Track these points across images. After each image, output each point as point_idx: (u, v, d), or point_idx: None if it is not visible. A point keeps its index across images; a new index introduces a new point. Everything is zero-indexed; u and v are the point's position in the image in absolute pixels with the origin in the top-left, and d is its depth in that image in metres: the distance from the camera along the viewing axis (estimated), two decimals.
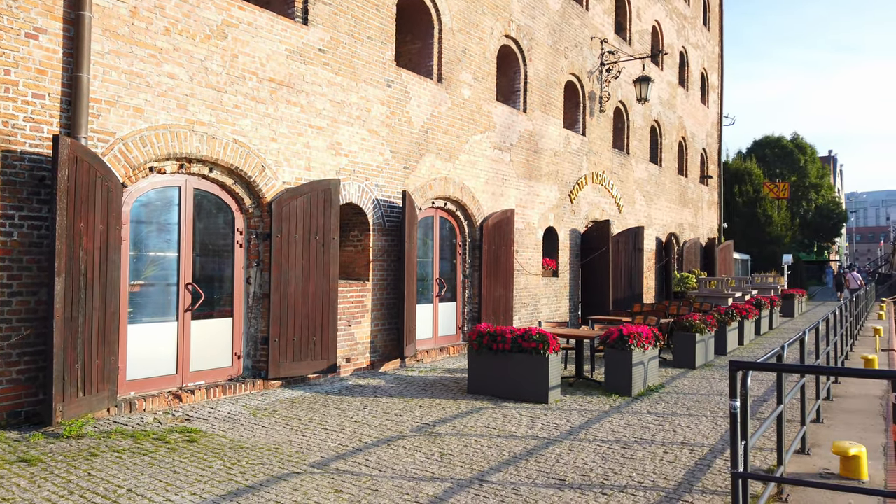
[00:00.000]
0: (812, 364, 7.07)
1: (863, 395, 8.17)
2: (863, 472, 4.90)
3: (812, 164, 46.55)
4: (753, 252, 37.69)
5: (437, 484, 4.71)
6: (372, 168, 9.65)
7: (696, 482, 4.83)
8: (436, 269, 11.39)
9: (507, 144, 12.87)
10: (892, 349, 13.85)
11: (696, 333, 10.39)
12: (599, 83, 16.56)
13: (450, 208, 11.60)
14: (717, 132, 26.81)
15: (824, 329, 8.56)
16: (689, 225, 23.24)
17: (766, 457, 5.45)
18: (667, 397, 8.02)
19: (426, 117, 10.71)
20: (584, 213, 15.85)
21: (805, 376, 5.73)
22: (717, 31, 27.08)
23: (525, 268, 13.33)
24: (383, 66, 9.81)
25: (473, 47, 11.87)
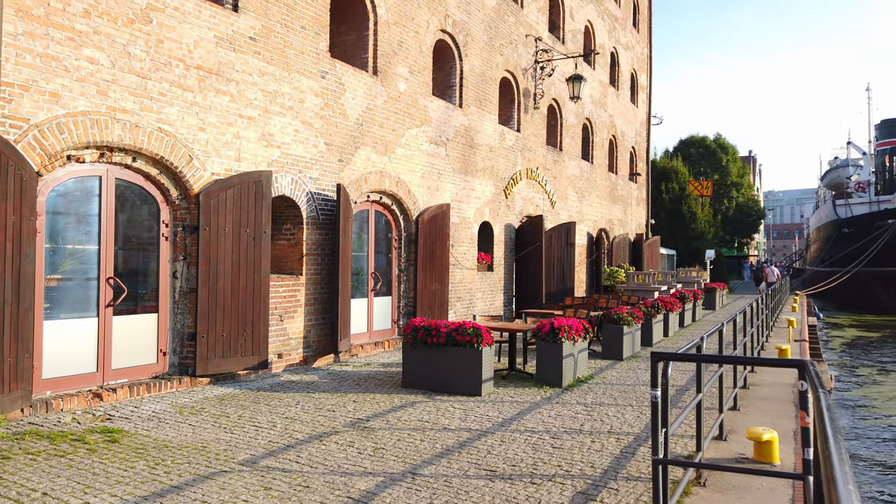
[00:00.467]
0: (729, 354, 7.42)
1: (777, 384, 8.63)
2: (775, 456, 5.19)
3: (733, 164, 48.81)
4: (679, 247, 39.21)
5: (370, 478, 4.70)
6: (305, 160, 9.49)
7: (621, 469, 5.00)
8: (371, 263, 11.32)
9: (443, 139, 12.91)
10: (804, 339, 14.70)
11: (623, 326, 10.73)
12: (534, 81, 16.81)
13: (385, 202, 11.55)
14: (646, 131, 27.71)
15: (742, 321, 9.01)
16: (619, 221, 23.94)
17: (686, 443, 5.69)
18: (595, 388, 8.26)
19: (361, 110, 10.61)
20: (518, 208, 16.09)
21: (723, 366, 6.01)
22: (646, 32, 27.95)
23: (460, 262, 13.42)
24: (317, 57, 9.65)
25: (409, 41, 11.83)
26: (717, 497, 4.40)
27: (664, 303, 13.63)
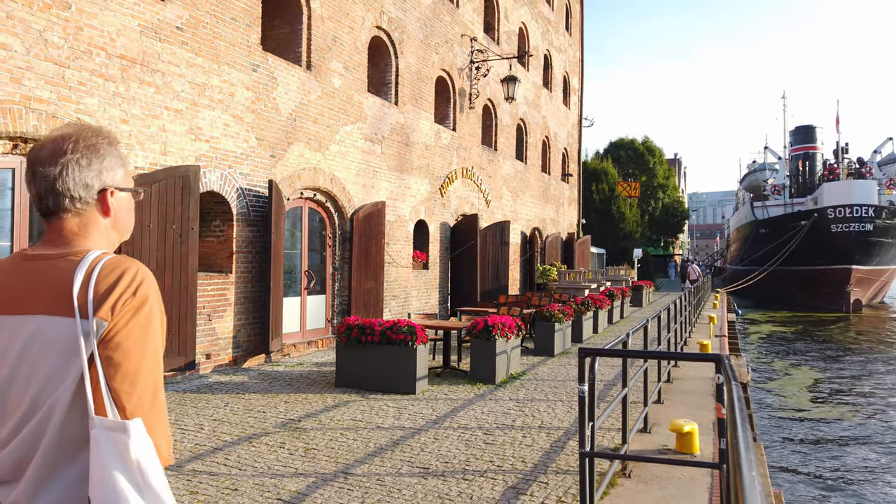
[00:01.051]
0: (653, 350, 7.70)
1: (699, 377, 9.01)
2: (695, 446, 5.42)
3: (660, 166, 50.64)
4: (608, 246, 40.40)
5: (301, 479, 4.63)
6: (236, 155, 9.25)
7: (551, 463, 5.12)
8: (304, 261, 11.15)
9: (378, 136, 12.84)
10: (724, 335, 15.41)
11: (555, 323, 10.97)
12: (469, 80, 16.94)
13: (319, 199, 11.40)
14: (578, 133, 28.38)
15: (666, 318, 9.36)
16: (552, 220, 24.44)
17: (613, 436, 5.88)
18: (527, 384, 8.41)
19: (294, 105, 10.43)
20: (453, 206, 16.18)
21: (647, 361, 6.23)
22: (578, 36, 28.62)
23: (396, 260, 13.39)
24: (248, 50, 9.42)
25: (344, 36, 11.70)
26: (640, 487, 4.57)
27: (594, 300, 14.01)
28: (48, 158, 1.34)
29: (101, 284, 1.26)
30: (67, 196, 1.35)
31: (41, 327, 1.25)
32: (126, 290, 1.28)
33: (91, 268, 1.28)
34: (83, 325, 1.23)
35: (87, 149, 1.36)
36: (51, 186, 1.34)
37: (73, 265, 1.29)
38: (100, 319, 1.24)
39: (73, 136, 1.36)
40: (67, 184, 1.34)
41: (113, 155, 1.40)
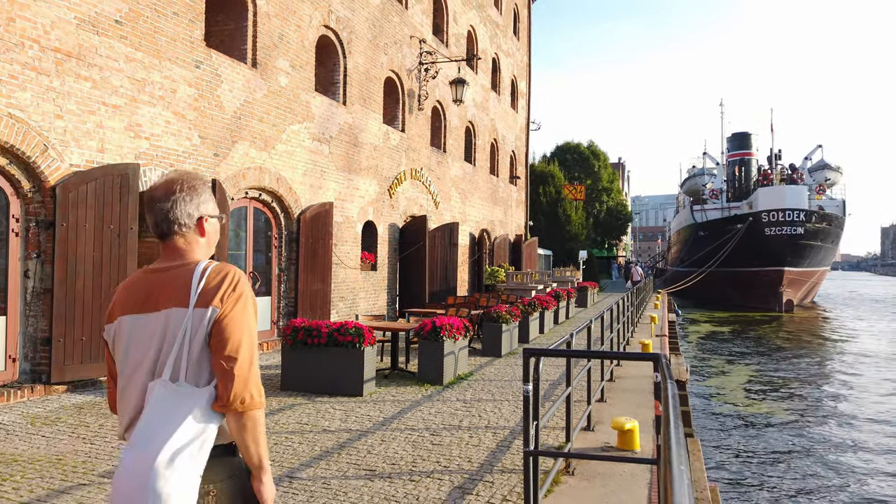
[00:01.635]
0: (595, 350, 7.88)
1: (641, 376, 9.26)
2: (636, 443, 5.57)
3: (604, 170, 51.81)
4: (555, 248, 41.06)
5: None
6: (178, 153, 9.01)
7: (497, 462, 5.18)
8: (249, 262, 10.95)
9: (326, 136, 12.71)
10: (665, 335, 15.87)
11: (502, 324, 11.09)
12: (418, 82, 16.97)
13: (265, 199, 11.21)
14: (525, 136, 28.76)
15: (609, 318, 9.59)
16: (500, 222, 24.69)
17: (557, 435, 5.99)
18: (475, 384, 8.47)
19: (239, 103, 10.23)
20: (402, 208, 16.16)
21: (591, 360, 6.37)
22: (525, 41, 29.01)
23: (344, 261, 13.29)
24: (191, 45, 9.19)
25: (291, 34, 11.55)
26: (583, 485, 4.67)
27: (540, 301, 14.23)
28: (162, 196, 1.85)
29: (211, 283, 1.76)
30: (176, 223, 1.85)
31: (171, 316, 1.74)
32: (228, 287, 1.77)
33: (203, 272, 1.78)
34: (200, 312, 1.72)
35: (189, 189, 1.87)
36: (165, 216, 1.85)
37: (190, 272, 1.80)
38: (213, 307, 1.73)
39: (179, 180, 1.88)
40: (176, 214, 1.85)
41: (206, 192, 1.91)
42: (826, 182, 51.07)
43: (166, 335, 1.74)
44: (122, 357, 1.80)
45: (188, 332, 1.72)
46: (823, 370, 20.35)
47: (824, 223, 42.01)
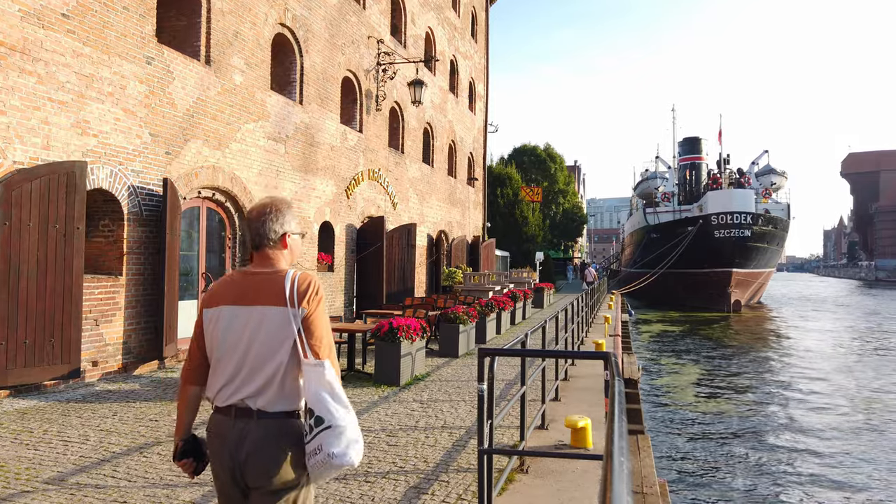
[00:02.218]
0: (548, 349, 8.00)
1: (594, 375, 9.43)
2: (588, 441, 5.68)
3: (560, 172, 52.52)
4: (512, 249, 41.44)
5: (196, 488, 4.48)
6: (128, 151, 8.78)
7: (452, 462, 5.22)
8: (202, 262, 10.74)
9: (282, 136, 12.57)
10: (618, 334, 16.20)
11: (459, 325, 11.15)
12: (376, 82, 16.92)
13: (219, 199, 11.02)
14: (483, 138, 28.96)
15: (564, 319, 9.74)
16: (458, 223, 24.80)
17: (512, 434, 6.06)
18: (431, 385, 8.50)
19: (192, 100, 10.03)
20: (360, 208, 16.09)
21: (545, 360, 6.48)
22: (483, 44, 29.22)
23: (300, 262, 13.15)
24: (142, 41, 8.98)
25: (246, 32, 11.39)
26: (537, 482, 4.75)
27: (497, 302, 14.35)
28: (256, 217, 2.37)
29: (300, 288, 2.28)
30: (266, 238, 2.35)
31: (266, 313, 2.25)
32: (313, 291, 2.30)
33: (292, 280, 2.29)
34: (293, 311, 2.24)
35: (276, 211, 2.38)
36: (257, 232, 2.35)
37: (281, 278, 2.30)
38: (302, 308, 2.25)
39: (270, 204, 2.40)
40: (267, 231, 2.35)
41: (290, 213, 2.42)
42: (772, 186, 52.91)
43: (262, 325, 2.25)
44: (219, 336, 2.31)
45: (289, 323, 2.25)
46: (770, 368, 21.07)
47: (770, 226, 43.51)
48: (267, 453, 2.19)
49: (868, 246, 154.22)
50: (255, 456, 2.19)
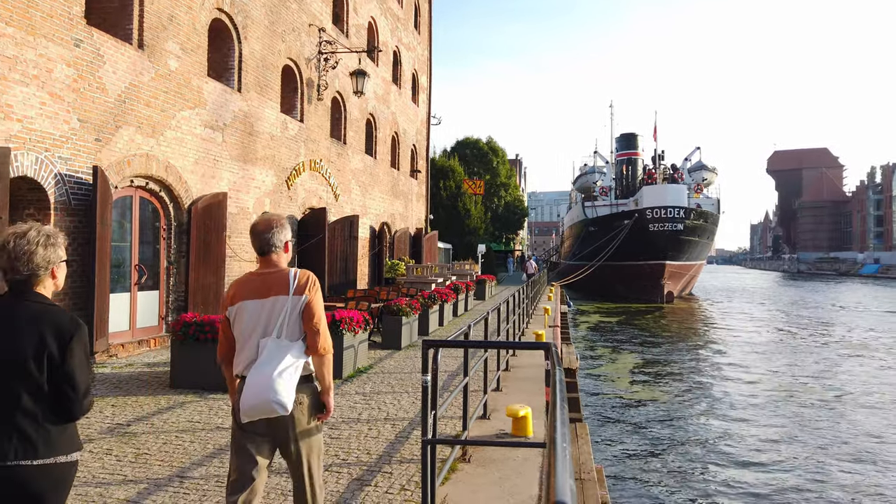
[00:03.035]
0: (491, 340, 8.12)
1: (534, 365, 9.62)
2: (529, 429, 5.80)
3: (503, 165, 53.04)
4: (454, 241, 41.65)
5: (131, 486, 4.35)
6: (54, 137, 8.38)
7: (396, 453, 5.24)
8: (135, 254, 10.37)
9: (219, 124, 12.23)
10: (557, 325, 16.56)
11: (402, 317, 11.16)
12: (318, 71, 16.66)
13: (153, 188, 10.64)
14: (426, 130, 28.95)
15: (505, 310, 9.89)
16: (401, 215, 24.74)
17: (455, 424, 6.13)
18: (374, 377, 8.50)
19: (124, 86, 9.64)
20: (301, 199, 15.85)
21: (487, 350, 6.57)
22: (426, 35, 29.15)
23: (238, 254, 12.86)
24: (70, 22, 8.56)
25: (182, 16, 11.01)
26: (479, 471, 4.82)
27: (440, 294, 14.42)
28: (264, 230, 3.01)
29: (301, 281, 2.95)
30: (273, 245, 3.01)
31: (277, 300, 2.91)
32: (311, 283, 2.98)
33: (294, 275, 2.96)
34: (296, 299, 2.91)
35: (279, 225, 3.05)
36: (267, 242, 3.01)
37: (286, 275, 2.97)
38: (304, 296, 2.92)
39: (274, 219, 3.05)
40: (273, 241, 3.01)
41: (288, 226, 3.10)
42: (703, 182, 54.95)
43: (273, 312, 2.91)
44: (241, 327, 2.95)
45: (288, 309, 2.90)
46: (700, 356, 21.97)
47: (701, 220, 45.22)
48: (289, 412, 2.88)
49: (791, 240, 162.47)
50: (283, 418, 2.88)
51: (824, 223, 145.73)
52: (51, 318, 2.21)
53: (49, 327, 2.19)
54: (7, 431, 2.13)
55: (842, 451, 11.37)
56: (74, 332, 2.21)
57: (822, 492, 9.52)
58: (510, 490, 4.43)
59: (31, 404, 2.15)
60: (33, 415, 2.15)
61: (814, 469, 10.47)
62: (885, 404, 14.86)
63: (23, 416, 2.14)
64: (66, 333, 2.20)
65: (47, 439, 2.16)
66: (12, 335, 2.18)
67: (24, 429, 2.13)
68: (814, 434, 12.45)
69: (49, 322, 2.20)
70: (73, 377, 2.18)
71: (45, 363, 2.16)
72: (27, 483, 2.12)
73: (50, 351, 2.16)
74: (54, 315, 2.22)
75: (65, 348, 2.18)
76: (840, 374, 18.70)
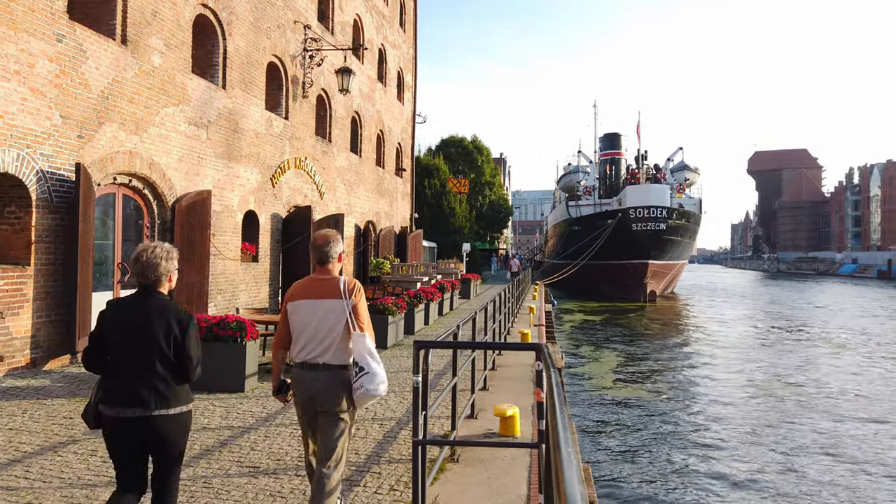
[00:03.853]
0: (480, 341, 8.13)
1: (521, 364, 9.66)
2: (516, 429, 5.83)
3: (487, 164, 53.10)
4: (439, 240, 41.63)
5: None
6: (36, 134, 8.25)
7: (384, 453, 5.23)
8: (118, 252, 10.25)
9: (204, 121, 12.12)
10: (542, 324, 16.62)
11: (388, 316, 11.14)
12: (303, 69, 16.56)
13: (136, 185, 10.52)
14: (411, 128, 28.89)
15: (492, 309, 9.91)
16: (386, 214, 24.68)
17: (443, 423, 6.14)
18: None
19: (107, 82, 9.52)
20: (286, 197, 15.75)
21: (475, 351, 6.58)
22: (411, 33, 29.09)
23: (222, 252, 12.76)
24: (52, 17, 8.44)
25: (165, 11, 10.89)
26: (468, 471, 4.84)
27: (426, 293, 14.42)
28: (323, 244, 3.59)
29: (349, 288, 3.53)
30: (329, 256, 3.60)
31: (330, 303, 3.48)
32: (358, 288, 3.56)
33: (344, 282, 3.53)
34: (347, 302, 3.48)
35: (335, 240, 3.63)
36: (325, 254, 3.59)
37: (337, 281, 3.54)
38: (352, 300, 3.49)
39: (331, 235, 3.64)
40: (330, 253, 3.59)
41: (341, 241, 3.70)
42: (686, 182, 55.44)
43: (325, 313, 3.49)
44: (297, 320, 3.54)
45: (343, 311, 3.49)
46: (683, 354, 22.18)
47: (684, 220, 45.62)
48: (329, 390, 3.47)
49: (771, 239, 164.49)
50: (322, 392, 3.47)
51: (803, 223, 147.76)
52: (172, 310, 3.08)
53: (172, 317, 3.05)
54: (148, 389, 2.97)
55: (819, 445, 11.55)
56: (189, 321, 3.09)
57: (801, 484, 9.66)
58: (498, 490, 4.45)
59: (162, 370, 3.01)
60: (164, 377, 3.01)
61: (793, 463, 10.63)
62: (860, 399, 15.12)
63: (158, 378, 3.00)
64: (183, 321, 3.07)
65: (175, 394, 3.03)
66: (147, 322, 3.03)
67: (159, 387, 2.99)
68: (793, 428, 12.63)
69: (172, 313, 3.06)
70: (190, 352, 3.06)
71: (171, 342, 3.03)
72: (164, 427, 3.00)
73: (174, 334, 3.03)
74: (174, 308, 3.10)
75: (184, 332, 3.05)
76: (817, 369, 18.99)
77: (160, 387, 2.97)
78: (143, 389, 2.94)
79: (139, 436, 2.98)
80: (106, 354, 3.04)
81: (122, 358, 3.01)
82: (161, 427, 2.97)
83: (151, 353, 2.98)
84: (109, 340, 3.03)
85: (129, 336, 3.01)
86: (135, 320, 3.03)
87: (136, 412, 2.94)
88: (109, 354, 3.03)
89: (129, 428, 2.97)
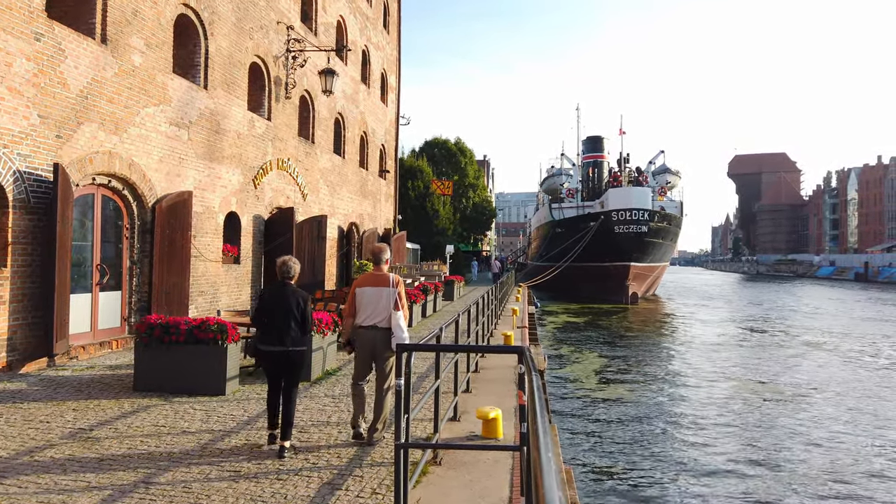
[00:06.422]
0: (463, 343, 8.13)
1: (503, 366, 9.67)
2: (499, 431, 5.84)
3: (471, 166, 53.16)
4: (423, 242, 41.60)
5: (95, 493, 4.25)
6: (13, 133, 8.13)
7: (366, 456, 5.22)
8: (97, 253, 10.12)
9: (185, 121, 12.01)
10: (525, 326, 16.66)
11: None
12: (286, 69, 16.48)
13: (115, 186, 10.40)
14: (395, 130, 28.85)
15: (475, 311, 9.92)
16: (369, 215, 24.62)
17: (426, 426, 6.13)
18: (343, 380, 8.43)
19: (86, 81, 9.40)
20: (268, 199, 15.66)
21: (458, 353, 6.58)
22: (395, 35, 29.07)
23: (204, 254, 12.65)
24: (30, 15, 8.32)
25: (146, 10, 10.78)
26: (451, 474, 4.84)
27: (409, 295, 14.40)
28: (379, 253, 6.00)
29: (395, 281, 5.83)
30: (382, 260, 5.97)
31: (385, 290, 5.77)
32: (399, 282, 5.88)
33: (391, 277, 5.84)
34: (394, 290, 5.77)
35: (385, 250, 6.05)
36: (379, 259, 5.97)
37: (387, 276, 5.86)
38: (396, 289, 5.78)
39: (383, 247, 6.07)
40: (382, 258, 5.97)
41: (389, 250, 6.15)
42: (667, 185, 55.90)
43: (382, 296, 5.67)
44: (364, 301, 5.71)
45: (392, 295, 5.66)
46: (664, 356, 22.36)
47: (665, 222, 46.00)
48: (383, 343, 5.64)
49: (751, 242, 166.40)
50: (378, 343, 5.64)
51: (782, 226, 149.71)
52: (300, 294, 5.53)
53: (300, 297, 5.50)
54: (286, 336, 5.35)
55: (797, 441, 11.70)
56: (307, 299, 5.55)
57: (780, 479, 9.78)
58: (480, 492, 4.46)
59: (295, 326, 5.41)
60: (296, 330, 5.42)
61: (772, 460, 10.75)
62: (836, 397, 15.35)
63: (292, 331, 5.40)
64: (306, 300, 5.54)
65: (300, 340, 5.45)
66: (287, 299, 5.44)
67: (293, 335, 5.40)
68: (773, 425, 12.78)
69: (300, 295, 5.51)
70: (308, 317, 5.52)
71: (299, 310, 5.45)
72: (294, 358, 5.41)
73: (301, 306, 5.47)
74: (301, 293, 5.55)
75: (304, 305, 5.51)
76: (795, 369, 19.24)
77: (294, 335, 5.36)
78: (285, 336, 5.32)
79: (280, 361, 5.35)
80: (263, 317, 5.40)
81: (273, 318, 5.36)
82: (294, 357, 5.38)
83: (289, 316, 5.36)
84: (267, 308, 5.40)
85: (278, 306, 5.38)
86: (281, 298, 5.43)
87: (280, 348, 5.33)
88: (265, 317, 5.39)
89: (277, 356, 5.34)
